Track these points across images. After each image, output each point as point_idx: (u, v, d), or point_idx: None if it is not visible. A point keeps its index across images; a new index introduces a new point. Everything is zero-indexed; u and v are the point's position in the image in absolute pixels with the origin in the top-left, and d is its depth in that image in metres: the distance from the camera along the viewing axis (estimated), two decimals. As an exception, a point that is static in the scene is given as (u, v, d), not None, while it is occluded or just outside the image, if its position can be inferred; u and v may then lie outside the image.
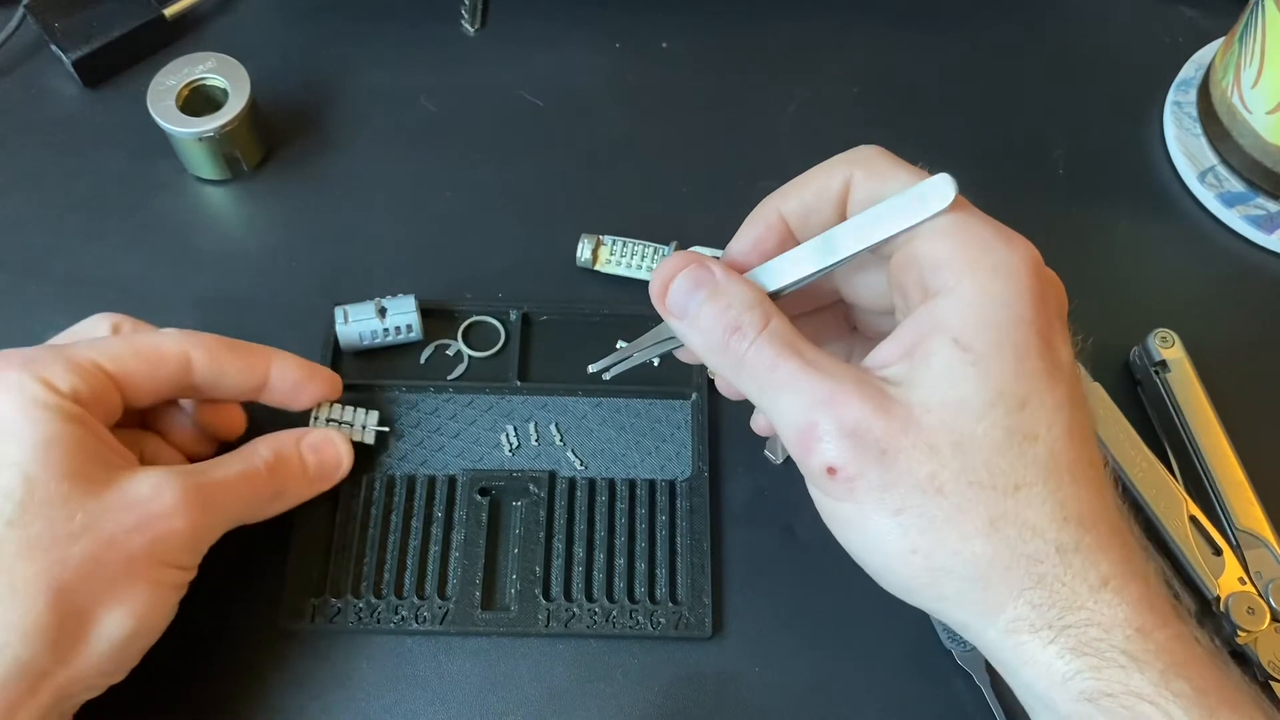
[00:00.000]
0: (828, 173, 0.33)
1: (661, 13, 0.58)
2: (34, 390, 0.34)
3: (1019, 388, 0.29)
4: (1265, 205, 0.51)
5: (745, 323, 0.31)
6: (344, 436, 0.41)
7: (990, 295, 0.29)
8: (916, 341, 0.30)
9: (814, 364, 0.30)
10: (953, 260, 0.30)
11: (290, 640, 0.40)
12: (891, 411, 0.29)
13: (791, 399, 0.30)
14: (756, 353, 0.31)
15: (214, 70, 0.49)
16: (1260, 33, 0.47)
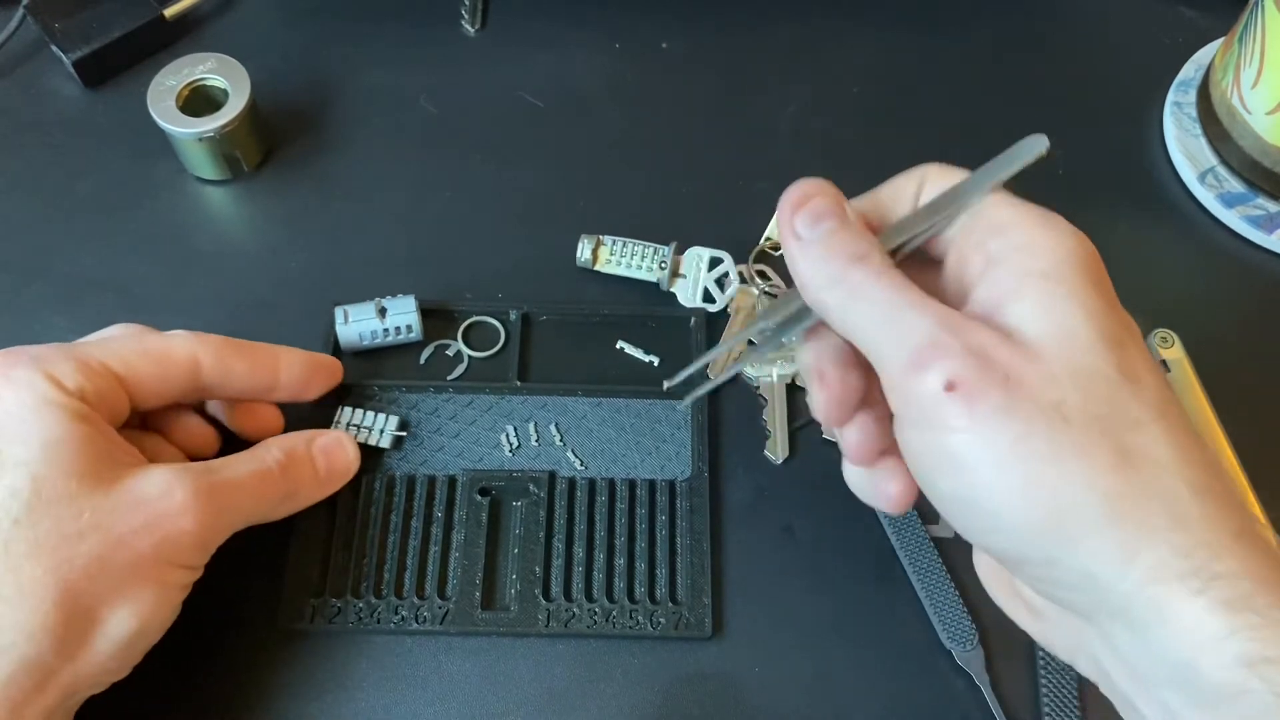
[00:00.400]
0: (901, 179, 0.33)
1: (661, 13, 0.58)
2: (42, 388, 0.34)
3: (1114, 328, 0.28)
4: (1265, 205, 0.51)
5: (870, 254, 0.30)
6: (352, 439, 0.42)
7: (1066, 246, 0.29)
8: (1005, 290, 0.29)
9: (929, 300, 0.29)
10: (1021, 220, 0.30)
11: (290, 640, 0.40)
12: (1012, 340, 0.28)
13: (916, 318, 0.28)
14: (879, 280, 0.29)
15: (214, 70, 0.49)
16: (1260, 33, 0.47)
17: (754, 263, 0.49)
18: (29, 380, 0.34)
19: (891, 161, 0.53)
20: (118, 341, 0.37)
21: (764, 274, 0.49)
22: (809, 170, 0.52)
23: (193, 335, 0.39)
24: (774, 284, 0.49)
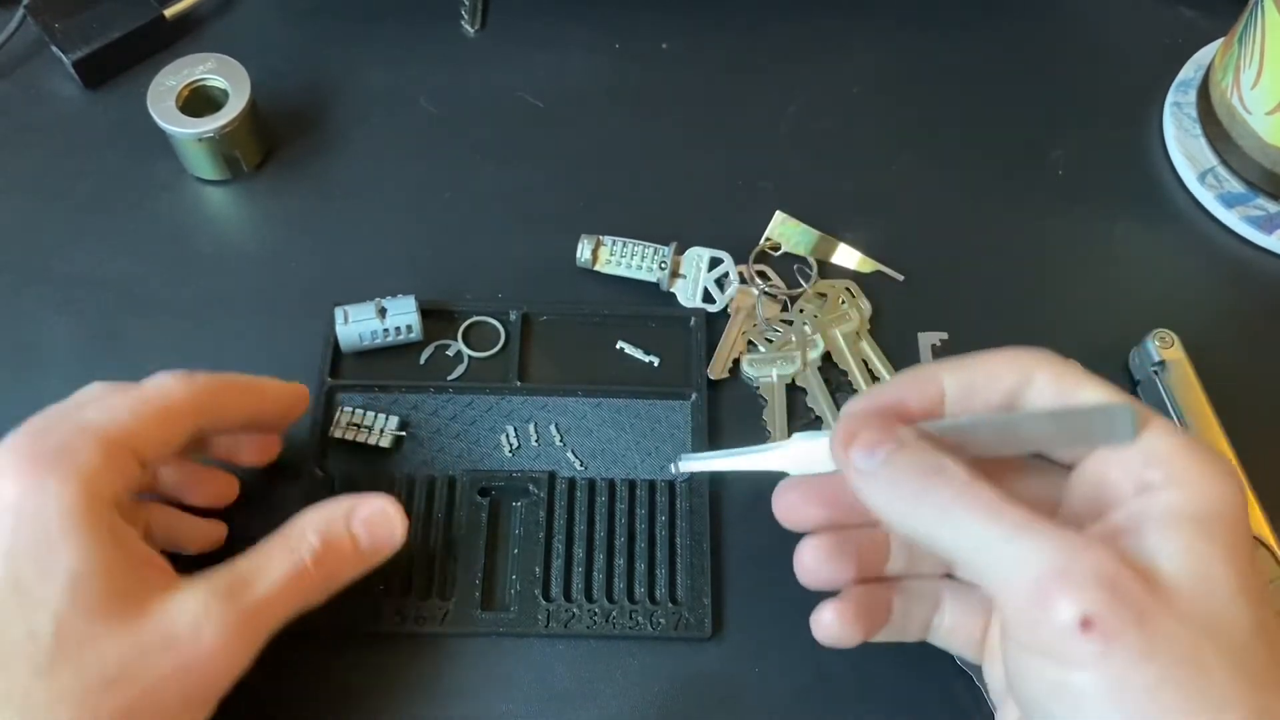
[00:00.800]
0: (1004, 362, 0.31)
1: (661, 13, 0.58)
2: (71, 499, 0.31)
3: (1254, 583, 0.27)
4: (1265, 206, 0.51)
5: (945, 467, 0.28)
6: (400, 509, 0.38)
7: (1224, 493, 0.28)
8: (1153, 524, 0.28)
9: (1034, 515, 0.27)
10: (1184, 457, 0.28)
11: (289, 641, 0.40)
12: (1145, 575, 0.26)
13: (1030, 543, 0.27)
14: (971, 496, 0.28)
15: (214, 71, 0.49)
16: (1260, 33, 0.47)
17: (754, 263, 0.49)
18: (58, 491, 0.31)
19: (891, 162, 0.54)
20: (118, 406, 0.35)
21: (764, 274, 0.49)
22: (809, 170, 0.53)
23: (181, 379, 0.36)
24: (774, 284, 0.49)
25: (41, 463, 0.32)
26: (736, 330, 0.47)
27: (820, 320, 0.48)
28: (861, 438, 0.30)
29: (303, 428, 0.44)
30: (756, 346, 0.47)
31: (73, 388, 0.45)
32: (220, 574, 0.34)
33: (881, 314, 0.48)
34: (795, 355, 0.46)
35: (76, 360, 0.46)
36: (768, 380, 0.46)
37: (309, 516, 0.37)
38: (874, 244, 0.50)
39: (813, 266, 0.49)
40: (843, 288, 0.49)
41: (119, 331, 0.47)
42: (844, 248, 0.50)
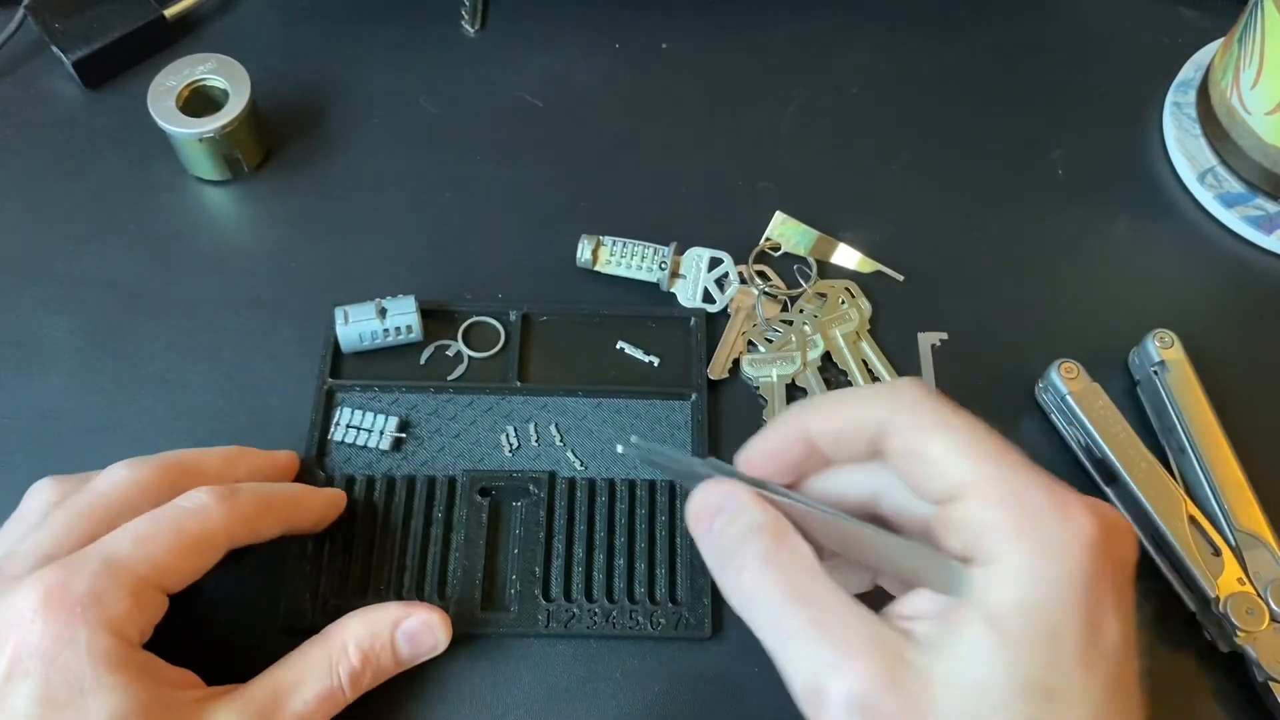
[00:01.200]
0: (866, 407, 0.30)
1: (661, 13, 0.58)
2: (103, 648, 0.31)
3: (1047, 677, 0.26)
4: (1265, 206, 0.51)
5: (742, 554, 0.29)
6: (446, 620, 0.38)
7: (1034, 576, 0.27)
8: (955, 611, 0.27)
9: (824, 616, 0.28)
10: (1000, 529, 0.27)
11: (289, 641, 0.40)
12: (904, 684, 0.26)
13: (796, 654, 0.28)
14: (765, 595, 0.29)
15: (214, 71, 0.49)
16: (1259, 34, 0.47)
17: (754, 263, 0.49)
18: (90, 641, 0.31)
19: (891, 162, 0.53)
20: (152, 538, 0.34)
21: (764, 274, 0.49)
22: (809, 170, 0.53)
23: (223, 504, 0.35)
24: (774, 284, 0.49)
25: (71, 611, 0.31)
26: (736, 330, 0.47)
27: (820, 320, 0.48)
28: (695, 501, 0.31)
29: (303, 428, 0.44)
30: (756, 346, 0.47)
31: (73, 387, 0.45)
32: (254, 692, 0.35)
33: (881, 314, 0.48)
34: (795, 355, 0.46)
35: (77, 360, 0.46)
36: (768, 380, 0.46)
37: (353, 626, 0.37)
38: (874, 244, 0.50)
39: (812, 266, 0.49)
40: (842, 288, 0.49)
41: (119, 331, 0.47)
42: (844, 248, 0.50)
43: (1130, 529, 0.29)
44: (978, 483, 0.28)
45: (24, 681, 0.31)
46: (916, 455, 0.29)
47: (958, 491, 0.28)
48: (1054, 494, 0.28)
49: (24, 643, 0.31)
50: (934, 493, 0.29)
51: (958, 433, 0.29)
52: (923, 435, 0.29)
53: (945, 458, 0.28)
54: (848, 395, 0.32)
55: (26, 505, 0.37)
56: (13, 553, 0.34)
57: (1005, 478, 0.28)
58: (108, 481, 0.36)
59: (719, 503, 0.31)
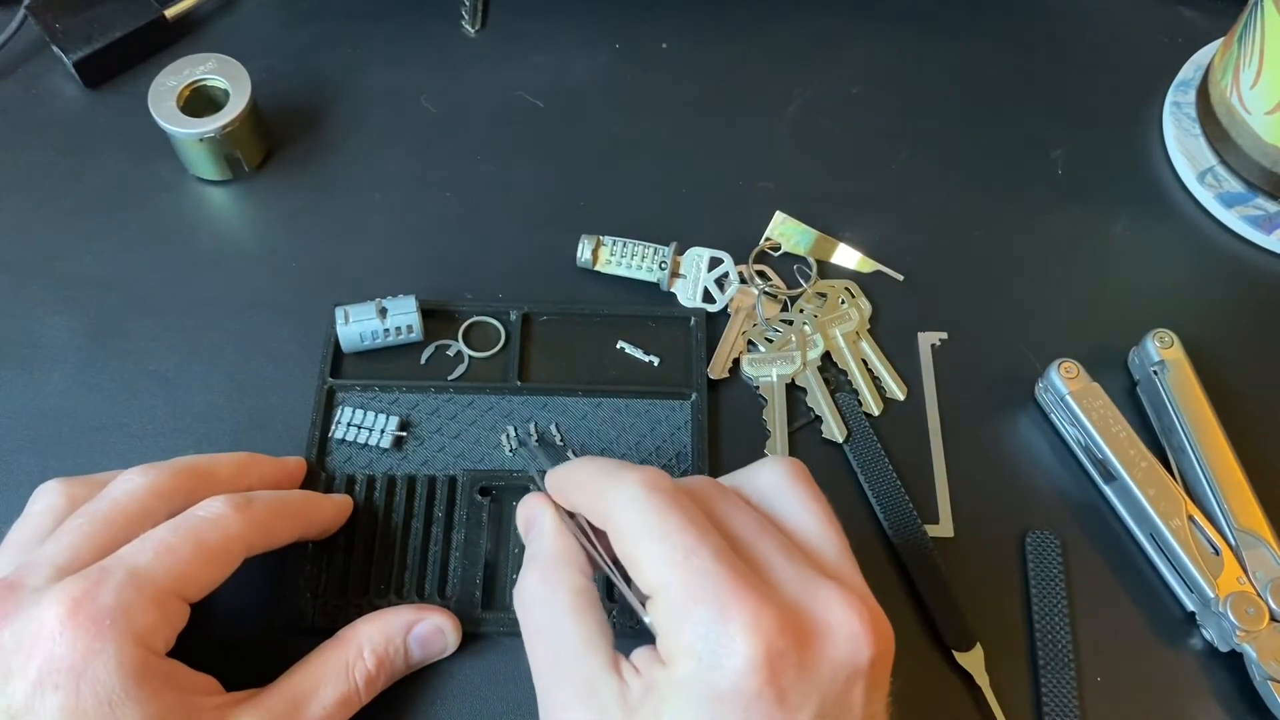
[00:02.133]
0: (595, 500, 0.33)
1: (661, 13, 0.58)
2: (130, 660, 0.32)
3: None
4: (1264, 205, 0.51)
5: (526, 581, 0.34)
6: (457, 624, 0.39)
7: (695, 687, 0.29)
8: (650, 681, 0.30)
9: (557, 659, 0.32)
10: (676, 636, 0.30)
11: (289, 641, 0.40)
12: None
13: (535, 679, 0.33)
14: (527, 618, 0.34)
15: (215, 71, 0.49)
16: (1259, 33, 0.47)
17: (754, 263, 0.49)
18: (117, 653, 0.31)
19: (891, 162, 0.54)
20: (174, 549, 0.34)
21: (764, 274, 0.49)
22: (809, 170, 0.53)
23: (240, 513, 0.36)
24: (774, 284, 0.49)
25: (99, 624, 0.31)
26: (736, 330, 0.47)
27: (820, 320, 0.48)
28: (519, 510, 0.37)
29: (303, 427, 0.44)
30: (756, 346, 0.47)
31: (74, 387, 0.45)
32: (273, 698, 0.35)
33: (881, 314, 0.48)
34: (795, 355, 0.46)
35: (77, 359, 0.46)
36: (768, 380, 0.46)
37: (367, 630, 0.38)
38: (874, 244, 0.50)
39: (812, 266, 0.49)
40: (842, 288, 0.49)
41: (119, 331, 0.47)
42: (844, 248, 0.50)
43: (859, 630, 0.30)
44: (661, 589, 0.30)
45: (53, 694, 0.31)
46: (624, 556, 0.32)
47: (652, 593, 0.31)
48: (724, 606, 0.29)
49: (52, 655, 0.31)
50: (643, 590, 0.31)
51: (653, 538, 0.31)
52: (626, 538, 0.32)
53: (641, 561, 0.31)
54: (590, 476, 0.34)
55: (34, 508, 0.37)
56: (31, 562, 0.34)
57: (683, 585, 0.30)
58: (123, 489, 0.36)
59: (533, 515, 0.36)
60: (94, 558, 0.34)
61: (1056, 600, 0.41)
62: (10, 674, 0.31)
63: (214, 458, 0.39)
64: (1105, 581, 0.43)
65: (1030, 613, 0.41)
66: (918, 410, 0.46)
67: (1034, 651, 0.41)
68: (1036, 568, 0.42)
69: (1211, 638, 0.41)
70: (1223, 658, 0.41)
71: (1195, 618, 0.41)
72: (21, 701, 0.31)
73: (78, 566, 0.33)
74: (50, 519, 0.36)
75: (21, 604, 0.32)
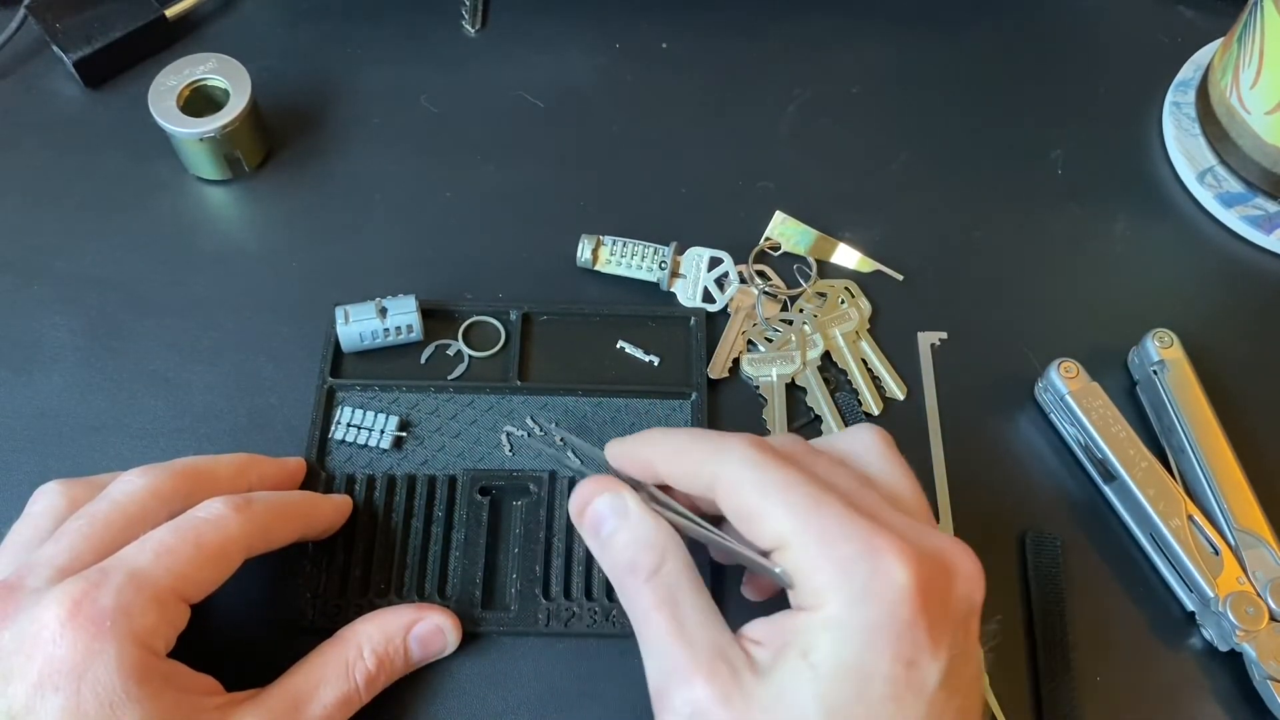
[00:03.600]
0: (699, 463, 0.33)
1: (661, 13, 0.58)
2: (130, 661, 0.31)
3: (854, 711, 0.29)
4: (1264, 205, 0.51)
5: (640, 564, 0.32)
6: (457, 623, 0.39)
7: (844, 619, 0.29)
8: (781, 640, 0.30)
9: (681, 627, 0.31)
10: (815, 578, 0.30)
11: (289, 639, 0.40)
12: (733, 702, 0.29)
13: (654, 656, 0.32)
14: (638, 598, 0.32)
15: (215, 71, 0.49)
16: (1259, 33, 0.47)
17: (754, 263, 0.49)
18: (118, 654, 0.31)
19: (891, 162, 0.54)
20: (173, 550, 0.34)
21: (764, 274, 0.49)
22: (809, 170, 0.53)
23: (239, 513, 0.36)
24: (774, 284, 0.49)
25: (100, 625, 0.31)
26: (736, 330, 0.47)
27: (820, 320, 0.48)
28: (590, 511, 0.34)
29: (303, 427, 0.44)
30: (756, 346, 0.47)
31: (73, 387, 0.45)
32: (273, 698, 0.35)
33: (881, 314, 0.48)
34: (795, 355, 0.46)
35: (77, 359, 0.46)
36: (767, 380, 0.46)
37: (367, 629, 0.38)
38: (874, 244, 0.50)
39: (812, 266, 0.49)
40: (842, 287, 0.49)
41: (119, 331, 0.47)
42: (844, 247, 0.50)
43: (975, 571, 0.31)
44: (795, 535, 0.30)
45: (54, 696, 0.31)
46: (742, 513, 0.32)
47: (780, 543, 0.31)
48: (868, 541, 0.29)
49: (52, 657, 0.31)
50: (762, 545, 0.31)
51: (776, 490, 0.31)
52: (745, 495, 0.31)
53: (766, 515, 0.31)
54: (685, 444, 0.34)
55: (33, 509, 0.37)
56: (31, 563, 0.34)
57: (818, 530, 0.30)
58: (123, 490, 0.36)
59: (609, 505, 0.34)
60: (94, 559, 0.34)
61: (1056, 600, 0.41)
62: (10, 676, 0.31)
63: (214, 459, 0.39)
64: (1105, 581, 0.43)
65: (1030, 613, 0.41)
66: (918, 410, 0.46)
67: (1034, 651, 0.41)
68: (1036, 568, 0.42)
69: (1211, 638, 0.41)
70: (1223, 658, 0.41)
71: (1195, 618, 0.41)
72: (22, 703, 0.30)
73: (78, 568, 0.33)
74: (50, 520, 0.36)
75: (21, 605, 0.32)
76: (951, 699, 0.29)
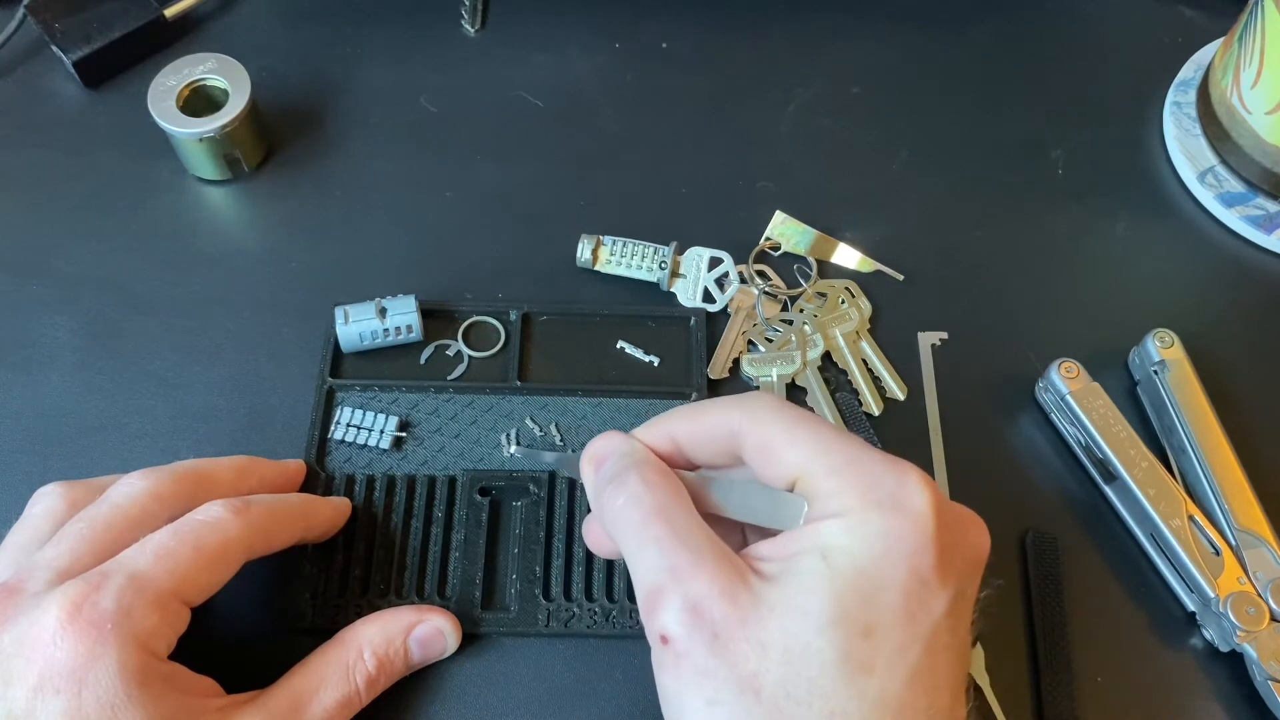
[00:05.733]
0: (723, 412, 0.33)
1: (661, 13, 0.58)
2: (132, 665, 0.31)
3: (868, 615, 0.28)
4: (1265, 205, 0.51)
5: (624, 477, 0.32)
6: (457, 626, 0.39)
7: (867, 526, 0.29)
8: (794, 549, 0.30)
9: (681, 532, 0.30)
10: (841, 492, 0.30)
11: (289, 640, 0.40)
12: (737, 599, 0.29)
13: (652, 559, 0.30)
14: (628, 508, 0.31)
15: (214, 71, 0.49)
16: (1259, 33, 0.47)
17: (754, 263, 0.49)
18: (119, 657, 0.31)
19: (891, 162, 0.54)
20: (173, 553, 0.34)
21: (764, 274, 0.49)
22: (809, 170, 0.53)
23: (239, 516, 0.36)
24: (774, 284, 0.49)
25: (101, 628, 0.31)
26: (736, 330, 0.47)
27: (820, 320, 0.48)
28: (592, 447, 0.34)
29: (303, 427, 0.44)
30: (756, 346, 0.47)
31: (73, 387, 0.45)
32: (274, 700, 0.35)
33: (881, 314, 0.48)
34: (795, 355, 0.46)
35: (77, 360, 0.46)
36: (768, 380, 0.46)
37: (368, 631, 0.38)
38: (874, 244, 0.50)
39: (812, 266, 0.49)
40: (842, 287, 0.49)
41: (119, 331, 0.47)
42: (844, 247, 0.50)
43: (983, 527, 0.31)
44: (819, 459, 0.30)
45: (54, 699, 0.31)
46: (764, 447, 0.31)
47: (802, 471, 0.31)
48: (892, 463, 0.30)
49: (53, 660, 0.31)
50: (783, 477, 0.31)
51: (800, 426, 0.31)
52: (769, 430, 0.31)
53: (789, 445, 0.31)
54: (707, 404, 0.34)
55: (33, 511, 0.37)
56: (31, 566, 0.34)
57: (843, 452, 0.30)
58: (123, 493, 0.36)
59: (612, 446, 0.34)
60: (94, 562, 0.34)
61: (1056, 600, 0.41)
62: (10, 679, 0.31)
63: (214, 462, 0.39)
64: (1105, 581, 0.43)
65: (1030, 613, 0.41)
66: (918, 410, 0.46)
67: (1034, 651, 0.41)
68: (1036, 568, 0.42)
69: (1212, 638, 0.41)
70: (1223, 658, 0.41)
71: (1195, 618, 0.41)
72: (23, 706, 0.30)
73: (78, 570, 0.33)
74: (49, 522, 0.36)
75: (21, 608, 0.32)
76: (955, 632, 0.29)
